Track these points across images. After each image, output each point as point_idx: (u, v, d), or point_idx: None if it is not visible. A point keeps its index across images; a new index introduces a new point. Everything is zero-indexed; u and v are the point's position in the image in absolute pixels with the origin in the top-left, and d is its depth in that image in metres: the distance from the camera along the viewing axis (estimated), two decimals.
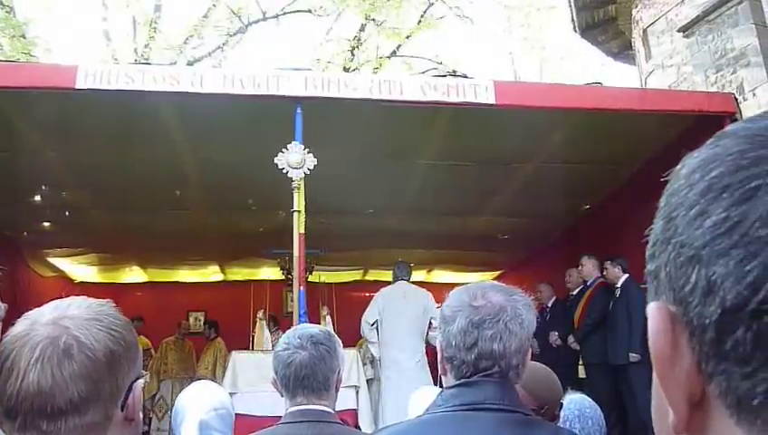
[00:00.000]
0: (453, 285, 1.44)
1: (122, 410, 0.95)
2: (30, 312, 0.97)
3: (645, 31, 9.02)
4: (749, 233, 0.34)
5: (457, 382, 1.28)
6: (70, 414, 0.88)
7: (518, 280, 9.62)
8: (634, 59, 10.11)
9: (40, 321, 0.93)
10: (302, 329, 1.90)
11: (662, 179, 0.42)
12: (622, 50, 10.81)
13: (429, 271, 10.18)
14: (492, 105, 4.51)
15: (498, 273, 10.68)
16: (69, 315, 0.94)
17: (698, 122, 4.86)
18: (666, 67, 8.60)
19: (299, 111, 4.39)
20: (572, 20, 10.49)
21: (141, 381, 1.00)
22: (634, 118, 4.94)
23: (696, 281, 0.36)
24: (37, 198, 6.48)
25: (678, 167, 0.41)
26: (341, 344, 1.92)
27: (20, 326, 0.94)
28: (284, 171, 4.23)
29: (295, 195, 4.26)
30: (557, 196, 6.50)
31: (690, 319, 0.37)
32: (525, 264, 9.46)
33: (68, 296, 1.10)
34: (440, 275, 10.28)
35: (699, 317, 0.36)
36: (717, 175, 0.36)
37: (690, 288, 0.36)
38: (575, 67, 16.95)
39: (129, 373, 0.96)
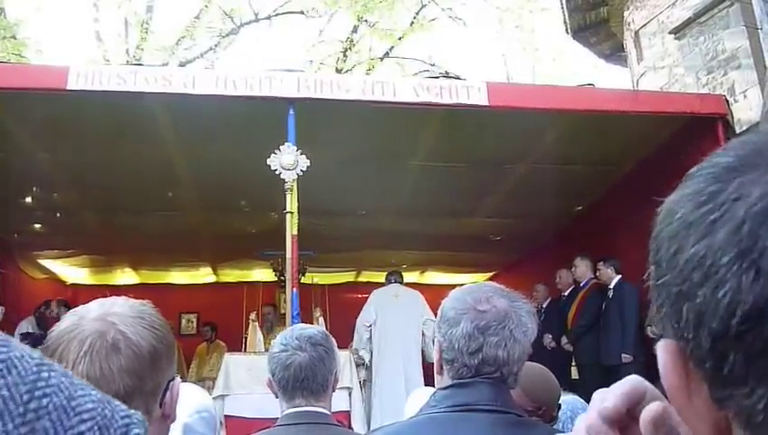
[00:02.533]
0: (446, 287, 1.43)
1: (160, 407, 0.97)
2: (75, 309, 1.00)
3: (637, 33, 9.07)
4: (714, 263, 0.36)
5: (451, 383, 1.28)
6: None
7: (511, 281, 9.63)
8: (626, 60, 10.16)
9: (87, 317, 0.96)
10: (299, 330, 1.87)
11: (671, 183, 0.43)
12: (614, 51, 10.86)
13: (422, 272, 10.18)
14: (485, 106, 4.52)
15: (491, 274, 10.68)
16: (115, 312, 0.97)
17: (690, 124, 4.89)
18: (657, 69, 8.64)
19: (291, 112, 4.39)
20: (565, 22, 10.53)
21: (179, 379, 1.02)
22: (626, 119, 4.96)
23: (687, 315, 0.38)
24: (28, 199, 6.44)
25: (658, 210, 0.43)
26: (336, 345, 1.92)
27: (67, 322, 0.96)
28: (277, 173, 4.22)
29: (288, 196, 4.25)
30: (550, 197, 6.52)
31: (692, 351, 0.38)
32: (518, 265, 9.47)
33: (55, 298, 1.13)
34: (433, 277, 10.27)
35: (697, 348, 0.38)
36: (682, 215, 0.39)
37: (684, 323, 0.38)
38: (567, 69, 17.01)
39: (168, 371, 1.00)
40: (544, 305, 7.14)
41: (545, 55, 17.18)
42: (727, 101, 5.18)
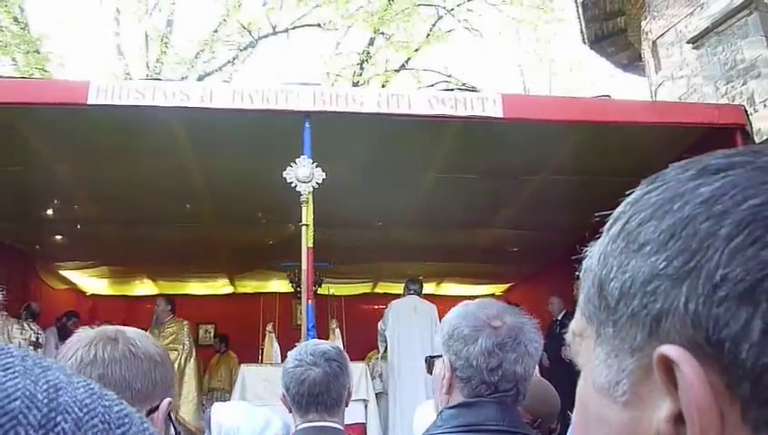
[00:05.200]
0: (462, 298, 1.43)
1: (147, 417, 1.00)
2: None
3: (654, 42, 9.02)
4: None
5: (458, 403, 1.27)
6: None
7: (528, 292, 9.58)
8: (644, 70, 10.10)
9: (102, 328, 1.08)
10: (313, 345, 1.88)
11: None
12: (632, 61, 10.81)
13: (438, 284, 10.16)
14: (499, 118, 4.52)
15: (508, 285, 10.63)
16: (124, 329, 1.09)
17: (708, 134, 4.84)
18: (675, 79, 8.58)
19: (307, 125, 4.42)
20: (581, 32, 10.50)
21: (168, 400, 1.06)
22: (643, 130, 4.93)
23: (750, 320, 0.33)
24: (49, 211, 6.55)
25: (676, 195, 0.39)
26: (349, 360, 1.92)
27: (80, 332, 1.08)
28: (293, 185, 4.25)
29: (304, 209, 4.27)
30: (566, 208, 6.48)
31: (735, 362, 0.34)
32: (535, 276, 9.41)
33: (76, 309, 1.32)
34: (449, 288, 10.24)
35: (757, 358, 0.33)
36: (760, 204, 0.35)
37: (740, 327, 0.34)
38: (584, 79, 16.95)
39: (160, 388, 1.05)
40: (559, 317, 7.09)
41: (562, 66, 17.14)
42: (746, 110, 5.12)
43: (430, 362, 1.42)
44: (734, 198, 0.36)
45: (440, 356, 1.35)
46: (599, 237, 0.45)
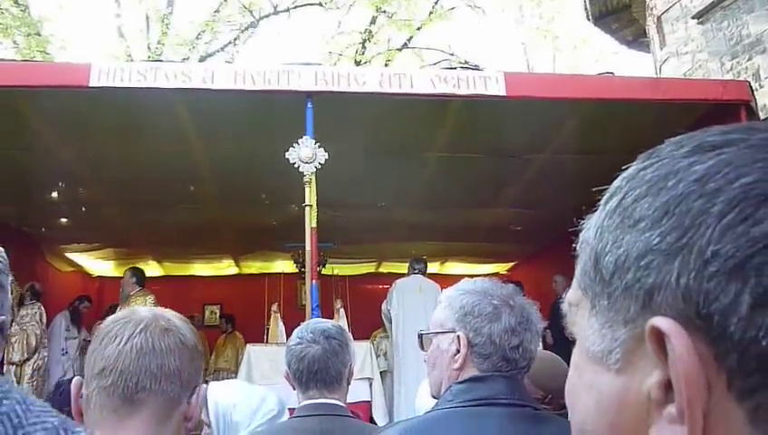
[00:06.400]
0: (466, 277, 1.45)
1: (188, 405, 1.05)
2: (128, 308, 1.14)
3: (659, 18, 8.92)
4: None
5: (467, 378, 1.29)
6: (157, 381, 0.99)
7: (531, 271, 9.61)
8: (648, 47, 10.01)
9: (140, 310, 1.08)
10: (314, 324, 1.92)
11: None
12: (636, 38, 10.71)
13: (442, 263, 10.19)
14: (502, 97, 4.49)
15: (512, 264, 10.67)
16: (164, 311, 1.10)
17: (713, 111, 4.81)
18: (680, 54, 8.50)
19: (309, 105, 4.41)
20: (585, 8, 10.40)
21: (205, 386, 1.11)
22: (647, 107, 4.89)
23: (739, 294, 0.34)
24: (54, 194, 6.58)
25: (671, 172, 0.40)
26: (352, 339, 1.95)
27: (120, 314, 1.07)
28: (296, 166, 4.25)
29: (307, 189, 4.28)
30: (570, 187, 6.46)
31: (723, 334, 0.35)
32: (539, 255, 9.43)
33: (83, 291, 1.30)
34: (453, 267, 10.28)
35: (745, 331, 0.34)
36: (751, 182, 0.36)
37: (729, 302, 0.35)
38: (588, 57, 16.80)
39: (199, 374, 1.08)
40: (563, 296, 7.14)
41: (566, 44, 16.98)
42: (751, 86, 5.08)
43: (426, 338, 1.44)
44: (727, 177, 0.37)
45: (446, 332, 1.36)
46: (596, 210, 0.46)
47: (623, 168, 0.47)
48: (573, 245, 0.50)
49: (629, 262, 0.40)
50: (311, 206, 4.28)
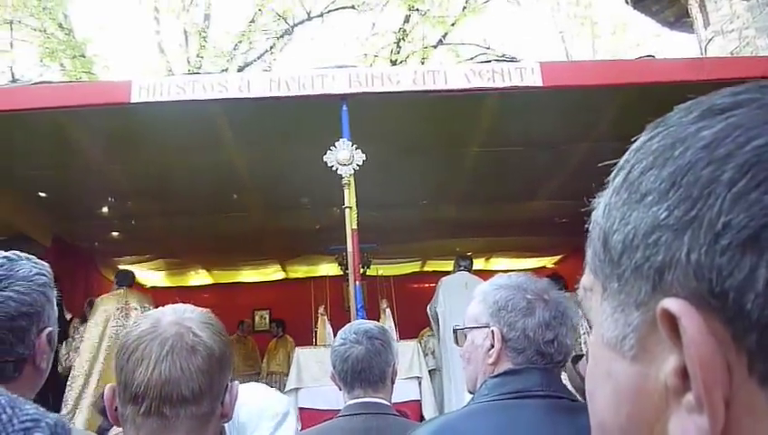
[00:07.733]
0: (513, 272, 1.44)
1: (221, 406, 1.06)
2: (149, 312, 1.10)
3: None
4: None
5: (503, 371, 1.28)
6: (189, 403, 0.99)
7: (580, 264, 9.39)
8: (691, 27, 9.70)
9: (163, 320, 1.05)
10: (357, 325, 1.96)
11: None
12: (678, 18, 10.39)
13: (488, 259, 10.10)
14: (539, 87, 4.42)
15: (559, 257, 10.49)
16: (188, 317, 1.07)
17: None
18: (726, 33, 8.21)
19: (345, 108, 4.43)
20: None
21: (237, 382, 1.11)
22: (691, 88, 4.66)
23: (754, 268, 0.32)
24: (104, 209, 6.81)
25: (677, 140, 0.37)
26: (396, 338, 1.96)
27: (144, 325, 1.05)
28: (334, 169, 4.28)
29: (346, 191, 4.30)
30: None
31: (740, 313, 0.32)
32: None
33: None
34: (499, 263, 10.18)
35: (763, 308, 0.31)
36: (764, 144, 0.33)
37: (744, 277, 0.32)
38: (629, 41, 16.37)
39: (229, 373, 1.08)
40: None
41: (605, 29, 16.60)
42: None
43: (461, 333, 1.43)
44: (737, 140, 0.34)
45: (480, 327, 1.36)
46: (605, 188, 0.44)
47: None
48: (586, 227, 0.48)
49: (638, 240, 0.37)
50: (350, 208, 4.30)
